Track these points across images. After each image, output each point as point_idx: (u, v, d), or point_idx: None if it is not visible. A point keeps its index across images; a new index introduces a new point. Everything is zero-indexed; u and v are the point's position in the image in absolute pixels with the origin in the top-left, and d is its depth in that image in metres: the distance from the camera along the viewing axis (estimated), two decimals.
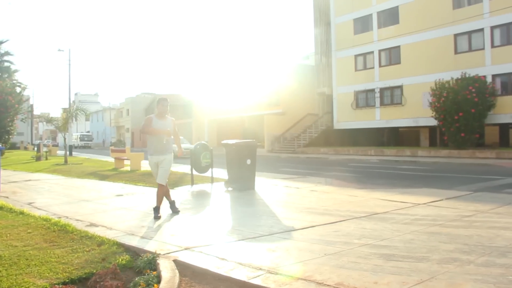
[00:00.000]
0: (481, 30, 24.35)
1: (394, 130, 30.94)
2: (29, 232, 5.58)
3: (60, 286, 3.48)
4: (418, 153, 24.60)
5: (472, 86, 22.55)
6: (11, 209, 7.36)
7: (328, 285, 3.58)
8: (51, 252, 4.62)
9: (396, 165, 19.33)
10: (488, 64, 24.05)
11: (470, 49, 25.07)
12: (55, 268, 4.09)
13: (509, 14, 22.86)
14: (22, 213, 6.98)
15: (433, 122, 25.21)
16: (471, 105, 22.37)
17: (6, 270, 4.03)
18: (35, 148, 34.20)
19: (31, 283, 3.67)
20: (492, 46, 24.02)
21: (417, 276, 3.73)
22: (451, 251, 4.50)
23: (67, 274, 3.93)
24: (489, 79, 23.67)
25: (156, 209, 6.78)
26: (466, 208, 7.03)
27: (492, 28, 23.94)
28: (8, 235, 5.44)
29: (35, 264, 4.22)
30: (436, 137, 29.01)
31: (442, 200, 7.99)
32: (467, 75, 23.32)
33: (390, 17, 29.26)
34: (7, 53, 35.08)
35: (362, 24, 31.23)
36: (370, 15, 30.47)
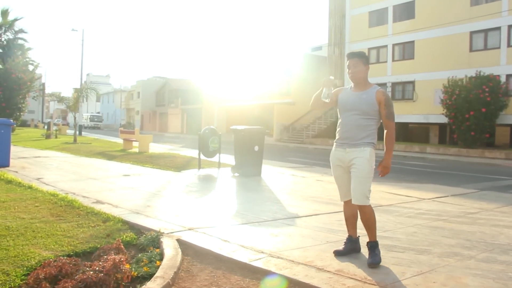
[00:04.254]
0: (498, 28, 24.00)
1: (404, 126, 30.70)
2: (37, 206, 5.67)
3: (65, 258, 3.53)
4: (427, 149, 24.45)
5: (486, 85, 22.26)
6: (20, 183, 7.47)
7: (328, 271, 3.61)
8: (57, 226, 4.70)
9: (404, 160, 19.25)
10: (503, 64, 23.74)
11: (486, 48, 24.74)
12: (60, 241, 4.17)
13: None
14: (30, 187, 7.08)
15: (444, 120, 25.00)
16: (483, 104, 22.12)
17: (13, 240, 4.12)
18: (45, 126, 34.54)
19: (37, 254, 3.74)
20: (508, 45, 23.67)
21: (417, 268, 3.75)
22: (453, 245, 4.51)
23: (71, 247, 4.00)
24: (503, 79, 23.36)
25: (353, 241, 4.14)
26: (471, 205, 7.02)
27: (510, 27, 23.57)
28: (16, 207, 5.54)
29: (41, 236, 4.29)
30: (446, 134, 28.80)
31: (447, 196, 7.97)
32: (481, 74, 23.06)
33: (406, 11, 28.94)
34: (21, 31, 34.97)
35: (378, 17, 30.93)
36: (386, 8, 30.14)
